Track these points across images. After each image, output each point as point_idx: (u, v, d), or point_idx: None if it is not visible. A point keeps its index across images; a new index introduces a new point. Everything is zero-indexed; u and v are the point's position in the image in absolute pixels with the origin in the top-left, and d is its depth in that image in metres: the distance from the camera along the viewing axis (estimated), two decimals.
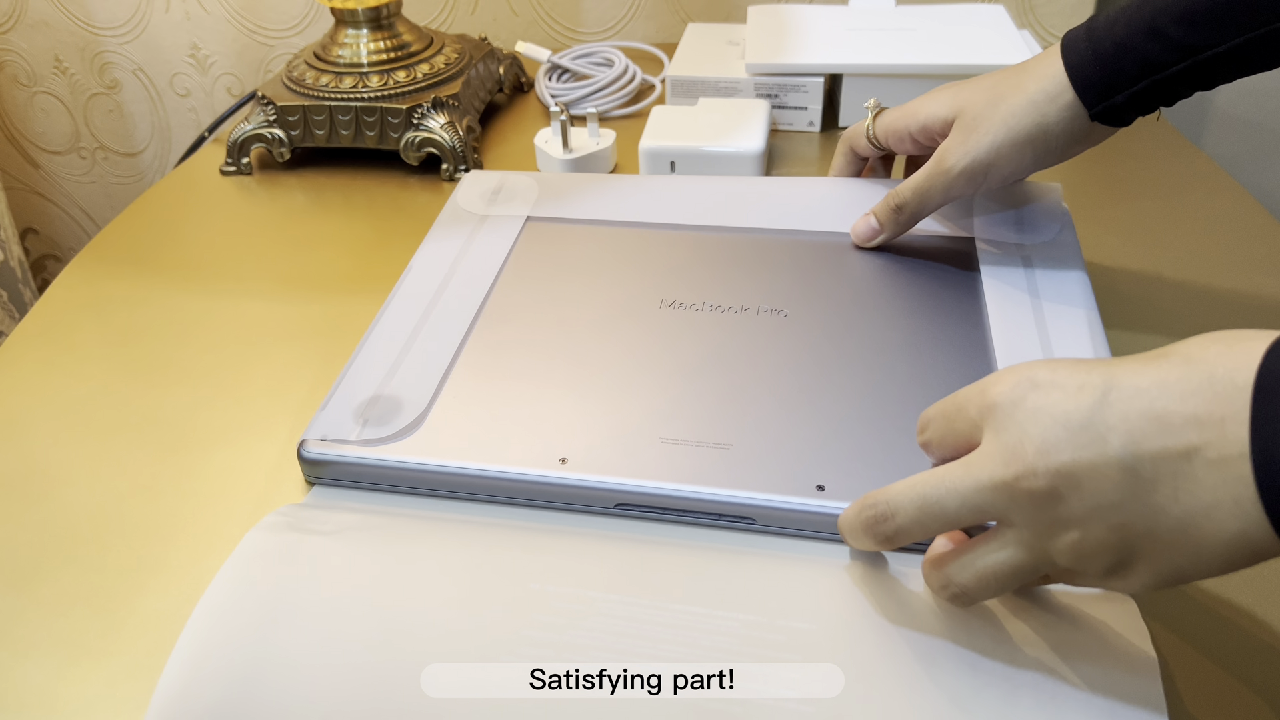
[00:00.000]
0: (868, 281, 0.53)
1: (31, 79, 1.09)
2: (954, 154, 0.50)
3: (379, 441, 0.44)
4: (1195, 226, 0.62)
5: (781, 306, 0.50)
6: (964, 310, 0.50)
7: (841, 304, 0.51)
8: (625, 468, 0.42)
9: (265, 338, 0.56)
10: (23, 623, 0.40)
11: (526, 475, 0.42)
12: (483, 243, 0.57)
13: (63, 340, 0.57)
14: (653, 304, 0.51)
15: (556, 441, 0.43)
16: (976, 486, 0.32)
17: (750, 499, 0.40)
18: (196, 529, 0.44)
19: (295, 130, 0.73)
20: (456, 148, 0.71)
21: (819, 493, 0.40)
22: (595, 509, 0.42)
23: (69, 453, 0.49)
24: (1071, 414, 0.30)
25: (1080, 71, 0.47)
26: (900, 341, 0.48)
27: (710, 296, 0.52)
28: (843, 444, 0.42)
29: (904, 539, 0.35)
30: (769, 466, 0.42)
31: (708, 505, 0.41)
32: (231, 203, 0.71)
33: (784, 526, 0.41)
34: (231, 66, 1.05)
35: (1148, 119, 0.75)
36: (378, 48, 0.74)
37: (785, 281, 0.53)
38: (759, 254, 0.55)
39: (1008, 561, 0.32)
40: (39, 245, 1.21)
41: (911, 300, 0.51)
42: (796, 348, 0.48)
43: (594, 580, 0.38)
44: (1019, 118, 0.48)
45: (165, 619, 0.40)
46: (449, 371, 0.48)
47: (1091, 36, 0.47)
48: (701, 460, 0.42)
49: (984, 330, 0.49)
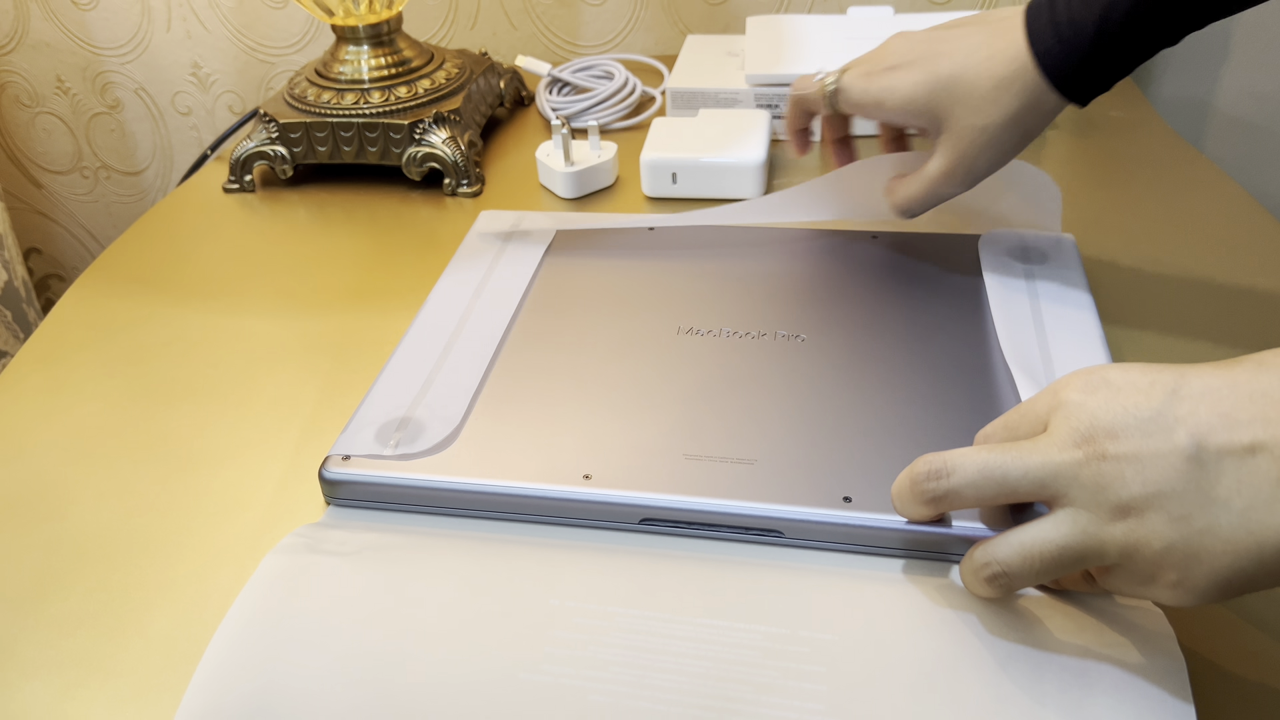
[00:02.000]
0: (881, 303, 0.53)
1: (33, 99, 1.09)
2: (939, 169, 0.51)
3: (404, 460, 0.44)
4: (1197, 229, 0.62)
5: (799, 331, 0.51)
6: (971, 326, 0.51)
7: (857, 326, 0.51)
8: (650, 483, 0.42)
9: (270, 354, 0.56)
10: (30, 643, 0.40)
11: (552, 492, 0.42)
12: (503, 273, 0.58)
13: (68, 360, 0.57)
14: (670, 331, 0.52)
15: (580, 459, 0.44)
16: (1043, 461, 0.32)
17: (777, 511, 0.40)
18: (203, 548, 0.44)
19: (298, 147, 0.73)
20: (459, 162, 0.71)
21: (846, 504, 0.40)
22: (621, 525, 0.42)
23: (75, 472, 0.49)
24: (1142, 406, 0.31)
25: (1046, 54, 0.47)
26: (917, 357, 0.49)
27: (727, 323, 0.52)
28: (868, 456, 0.43)
29: (954, 502, 0.35)
30: (795, 479, 0.42)
31: (734, 519, 0.41)
32: (235, 220, 0.71)
33: (811, 539, 0.41)
34: (233, 84, 1.05)
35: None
36: (379, 64, 0.74)
37: (800, 307, 0.53)
38: (773, 281, 0.56)
39: (1057, 540, 0.32)
40: (42, 265, 1.22)
41: (922, 318, 0.52)
42: (816, 368, 0.48)
43: (614, 595, 0.38)
44: (986, 115, 0.49)
45: (172, 639, 0.40)
46: (475, 394, 0.48)
47: (1053, 11, 0.47)
48: (726, 475, 0.42)
49: (991, 343, 0.49)
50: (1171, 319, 0.55)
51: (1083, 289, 0.53)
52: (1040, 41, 0.47)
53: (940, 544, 0.39)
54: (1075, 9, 0.46)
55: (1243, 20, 0.89)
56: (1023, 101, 0.48)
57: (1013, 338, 0.49)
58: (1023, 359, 0.47)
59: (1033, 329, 0.50)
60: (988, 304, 0.52)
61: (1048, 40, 0.47)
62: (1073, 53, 0.46)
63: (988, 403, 0.45)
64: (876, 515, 0.40)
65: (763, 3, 0.95)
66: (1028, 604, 0.37)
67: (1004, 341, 0.49)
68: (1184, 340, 0.53)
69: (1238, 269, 0.58)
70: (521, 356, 0.51)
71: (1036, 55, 0.47)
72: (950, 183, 0.51)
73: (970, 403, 0.45)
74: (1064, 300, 0.52)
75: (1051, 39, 0.47)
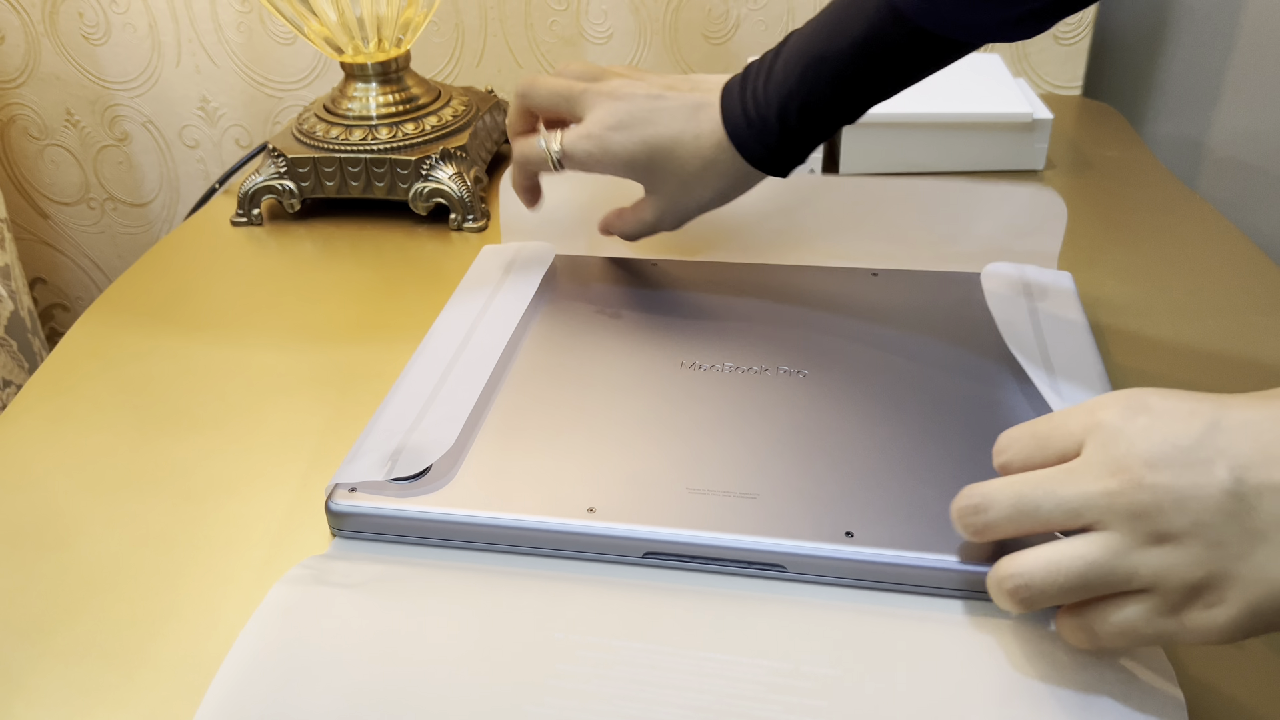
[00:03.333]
0: (882, 339, 0.54)
1: (42, 132, 1.10)
2: (649, 211, 0.57)
3: (409, 494, 0.44)
4: (1192, 268, 0.63)
5: (800, 367, 0.52)
6: (973, 361, 0.52)
7: (859, 362, 0.52)
8: (653, 516, 0.42)
9: (276, 387, 0.57)
10: (37, 673, 0.40)
11: (555, 525, 0.43)
12: (501, 301, 0.58)
13: (76, 390, 0.57)
14: (672, 365, 0.52)
15: (584, 492, 0.44)
16: (1079, 492, 0.32)
17: (780, 546, 0.41)
18: (209, 579, 0.44)
19: (306, 182, 0.74)
20: (464, 198, 0.72)
21: (848, 539, 0.41)
22: (624, 558, 0.42)
23: (82, 502, 0.49)
24: (1181, 435, 0.31)
25: (744, 144, 0.53)
26: (918, 392, 0.49)
27: (729, 358, 0.53)
28: (870, 492, 0.43)
29: (994, 533, 0.35)
30: (797, 514, 0.42)
31: (738, 553, 0.41)
32: (242, 253, 0.72)
33: (814, 574, 0.41)
34: (240, 118, 1.07)
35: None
36: (386, 101, 0.75)
37: (802, 343, 0.54)
38: (774, 317, 0.56)
39: (1086, 557, 0.32)
40: (47, 295, 1.22)
41: (923, 353, 0.52)
42: (818, 403, 0.49)
43: (618, 628, 0.39)
44: (694, 194, 0.55)
45: (179, 669, 0.40)
46: (476, 426, 0.48)
47: (745, 108, 0.52)
48: (730, 509, 0.43)
49: (993, 377, 0.50)
50: (1166, 357, 0.56)
51: (1083, 324, 0.54)
52: (735, 130, 0.53)
53: (941, 580, 0.40)
54: (759, 103, 0.52)
55: (1236, 61, 0.91)
56: (728, 180, 0.54)
57: (1028, 363, 0.50)
58: (1041, 382, 0.48)
59: (1040, 361, 0.50)
60: (991, 338, 0.53)
61: (741, 130, 0.53)
62: (763, 140, 0.52)
63: (989, 438, 0.46)
64: (878, 550, 0.40)
65: (764, 43, 0.97)
66: (1030, 639, 0.37)
67: (1024, 364, 0.49)
68: (1180, 378, 0.54)
69: (1232, 307, 0.59)
70: (525, 388, 0.51)
71: (733, 141, 0.53)
72: (661, 227, 0.58)
73: (972, 437, 0.46)
74: (1067, 334, 0.53)
75: (744, 128, 0.52)
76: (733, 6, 0.96)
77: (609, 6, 0.97)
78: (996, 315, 0.54)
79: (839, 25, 0.50)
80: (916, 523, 0.41)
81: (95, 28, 1.03)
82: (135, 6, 1.01)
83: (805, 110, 0.51)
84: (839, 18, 0.50)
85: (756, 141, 0.52)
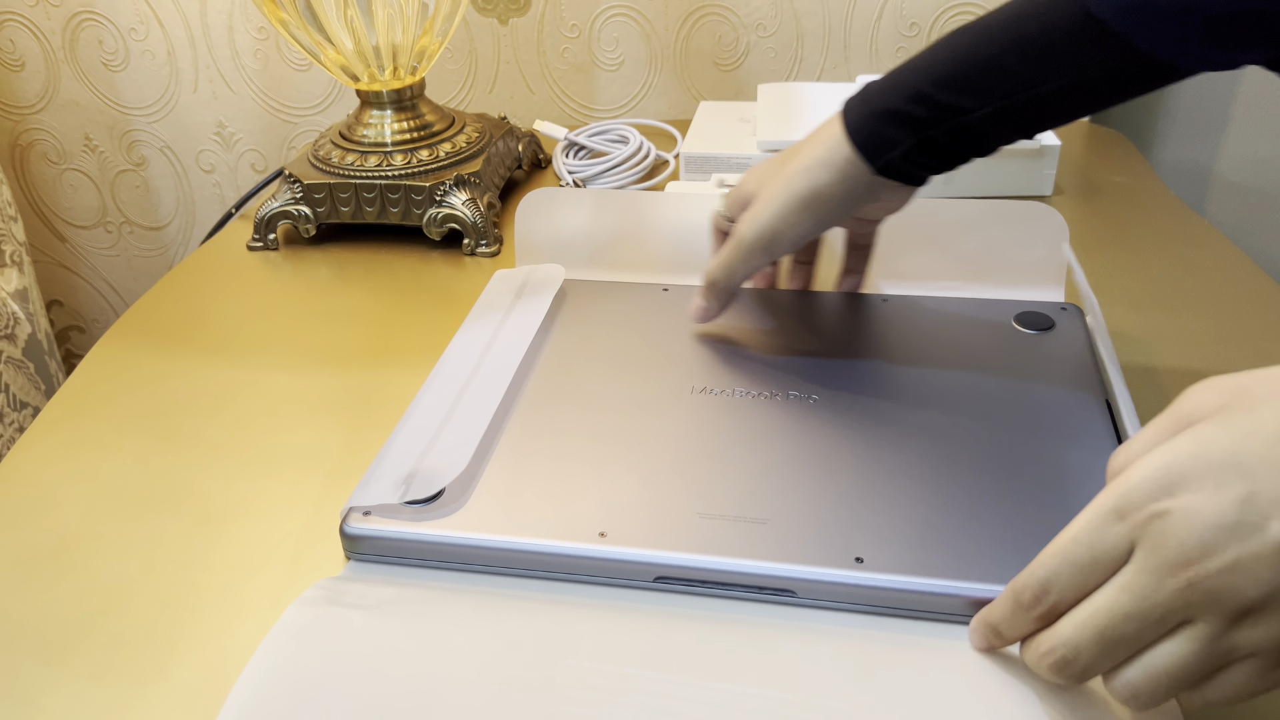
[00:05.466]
0: (891, 364, 0.54)
1: (61, 156, 1.12)
2: (745, 225, 0.53)
3: (422, 518, 0.45)
4: (1199, 293, 0.64)
5: (810, 392, 0.52)
6: (981, 386, 0.52)
7: (869, 387, 0.52)
8: (664, 541, 0.43)
9: (291, 410, 0.57)
10: (55, 694, 0.41)
11: (566, 549, 0.43)
12: (513, 323, 0.59)
13: (93, 414, 0.58)
14: (684, 390, 0.53)
15: (595, 516, 0.44)
16: (1154, 604, 0.32)
17: (789, 572, 0.41)
18: (226, 601, 0.45)
19: (321, 207, 0.75)
20: (478, 223, 0.73)
21: (858, 565, 0.41)
22: (635, 583, 0.43)
23: (99, 525, 0.50)
24: (1224, 513, 0.31)
25: (858, 132, 0.49)
26: (928, 417, 0.49)
27: (740, 384, 0.53)
28: (879, 517, 0.43)
29: (1094, 673, 0.34)
30: (807, 539, 0.42)
31: (747, 578, 0.41)
32: (258, 278, 0.73)
33: (824, 599, 0.41)
34: (256, 143, 1.08)
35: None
36: (401, 127, 0.76)
37: (812, 368, 0.54)
38: (785, 342, 0.57)
39: (1182, 655, 0.32)
40: (63, 317, 1.24)
41: (933, 379, 0.53)
42: (828, 428, 0.49)
43: (629, 656, 0.39)
44: (793, 184, 0.51)
45: (195, 691, 0.41)
46: (490, 449, 0.49)
47: (866, 98, 0.50)
48: (740, 534, 0.43)
49: (1001, 401, 0.50)
50: (1175, 383, 0.56)
51: (1087, 355, 0.54)
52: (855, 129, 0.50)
53: (951, 605, 0.40)
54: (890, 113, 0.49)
55: (1244, 87, 0.91)
56: (825, 178, 0.51)
57: (1025, 397, 0.50)
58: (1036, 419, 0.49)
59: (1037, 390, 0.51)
60: (1002, 364, 0.53)
61: (863, 127, 0.50)
62: (885, 130, 0.49)
63: (998, 463, 0.46)
64: (888, 576, 0.40)
65: (774, 70, 0.98)
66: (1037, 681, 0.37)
67: (1015, 402, 0.50)
68: None
69: (1239, 332, 0.60)
70: (538, 411, 0.52)
71: (846, 126, 0.50)
72: (759, 249, 0.53)
73: (980, 463, 0.46)
74: (1068, 367, 0.53)
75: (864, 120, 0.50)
76: (742, 34, 0.97)
77: (620, 34, 0.98)
78: (986, 348, 0.55)
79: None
80: (927, 548, 0.41)
81: (114, 55, 1.04)
82: (154, 34, 1.03)
83: (945, 82, 0.47)
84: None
85: (875, 130, 0.49)
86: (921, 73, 0.48)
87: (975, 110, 0.47)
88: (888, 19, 0.94)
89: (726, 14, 0.96)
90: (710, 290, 0.56)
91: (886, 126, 0.49)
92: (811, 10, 0.95)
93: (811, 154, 0.51)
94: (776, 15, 0.95)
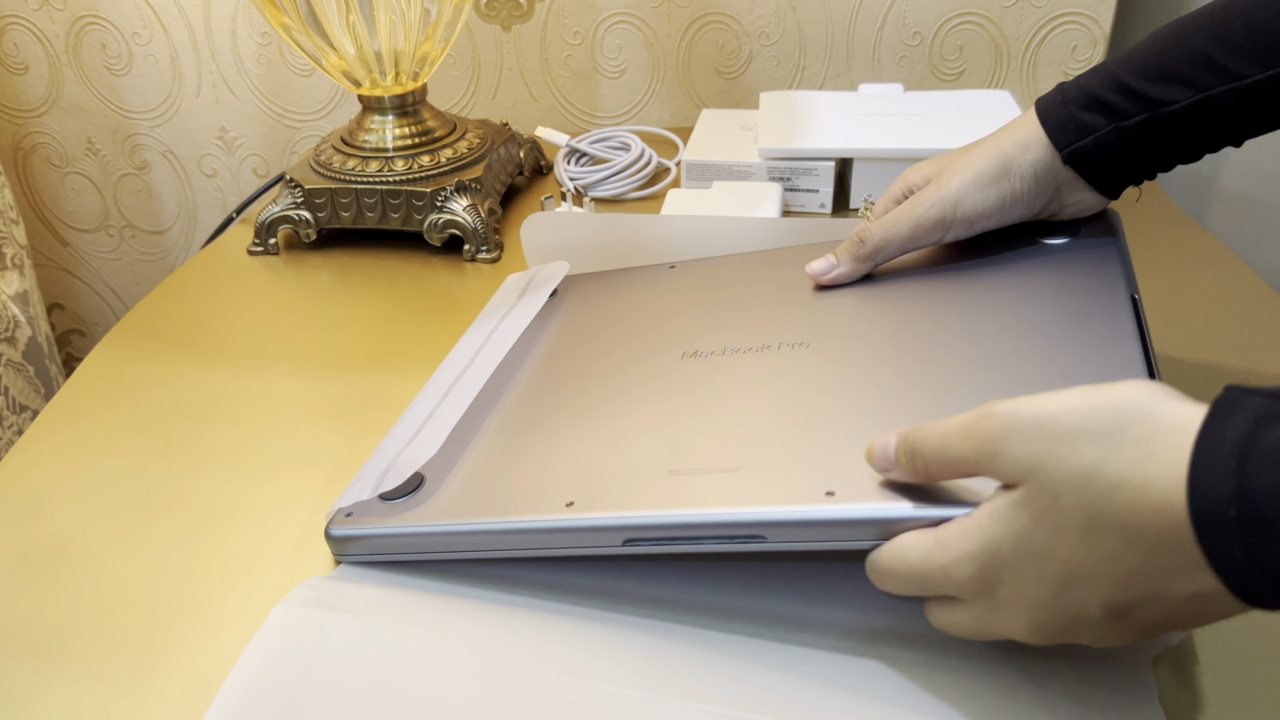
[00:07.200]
0: (899, 298, 0.51)
1: (64, 160, 1.12)
2: (924, 195, 0.51)
3: (397, 513, 0.45)
4: (1202, 305, 0.63)
5: (804, 339, 0.49)
6: (984, 313, 0.47)
7: (866, 325, 0.49)
8: (631, 503, 0.41)
9: (290, 415, 0.57)
10: (50, 698, 0.40)
11: (533, 523, 0.42)
12: (509, 321, 0.59)
13: (92, 418, 0.58)
14: (673, 356, 0.51)
15: (565, 489, 0.43)
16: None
17: (757, 514, 0.39)
18: (222, 606, 0.45)
19: (322, 212, 0.75)
20: (479, 229, 0.73)
21: (829, 498, 0.38)
22: (606, 549, 0.41)
23: (96, 528, 0.49)
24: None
25: (1050, 116, 0.49)
26: (920, 347, 0.46)
27: (732, 342, 0.51)
28: (851, 449, 0.40)
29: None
30: (777, 480, 0.40)
31: (714, 528, 0.39)
32: (258, 282, 0.73)
33: (795, 540, 0.38)
34: (258, 148, 1.08)
35: (1132, 199, 0.76)
36: (403, 133, 0.76)
37: (811, 316, 0.51)
38: (785, 295, 0.54)
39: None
40: (64, 320, 1.24)
41: (940, 298, 0.49)
42: (813, 370, 0.47)
43: (612, 675, 0.39)
44: (985, 159, 0.50)
45: (190, 696, 0.40)
46: (469, 441, 0.49)
47: (1063, 88, 0.50)
48: (709, 485, 0.41)
49: (989, 333, 0.46)
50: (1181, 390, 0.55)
51: (1116, 267, 0.48)
52: (1048, 113, 0.49)
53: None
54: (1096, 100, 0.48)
55: None
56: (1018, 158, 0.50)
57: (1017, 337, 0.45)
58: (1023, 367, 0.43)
59: (1058, 322, 0.46)
60: (995, 301, 0.48)
61: (1056, 112, 0.49)
62: (1079, 115, 0.48)
63: (984, 387, 0.42)
64: (860, 506, 0.37)
65: (776, 79, 0.98)
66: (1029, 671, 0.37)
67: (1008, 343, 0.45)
68: None
69: (1242, 344, 0.59)
70: (525, 399, 0.51)
71: (1039, 113, 0.49)
72: (933, 217, 0.51)
73: (965, 392, 0.42)
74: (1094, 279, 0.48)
75: (1058, 105, 0.49)
76: (745, 42, 0.97)
77: (623, 41, 0.98)
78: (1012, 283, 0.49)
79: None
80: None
81: (117, 59, 1.04)
82: (157, 38, 1.03)
83: (1143, 71, 0.47)
84: None
85: (1068, 115, 0.48)
86: (1121, 65, 0.48)
87: (1174, 103, 0.46)
88: (890, 28, 0.94)
89: (729, 22, 0.96)
90: (855, 245, 0.53)
91: (1080, 111, 0.48)
92: (814, 19, 0.95)
93: (1004, 134, 0.50)
94: (779, 24, 0.96)
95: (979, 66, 0.96)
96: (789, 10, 0.95)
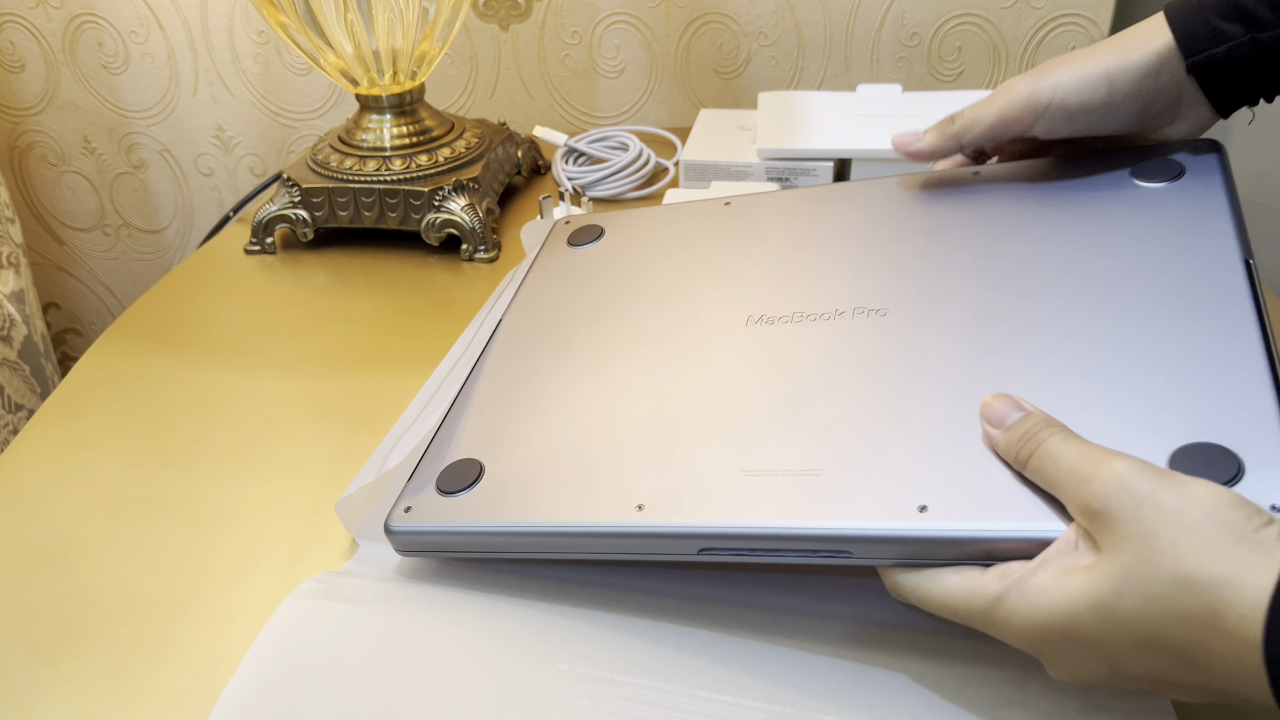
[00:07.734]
0: (985, 256, 0.45)
1: (60, 159, 1.12)
2: (1023, 79, 0.47)
3: (455, 509, 0.42)
4: None
5: (881, 304, 0.44)
6: (1096, 263, 0.42)
7: (951, 291, 0.44)
8: (706, 508, 0.38)
9: (287, 415, 0.57)
10: (47, 699, 0.40)
11: (604, 527, 0.39)
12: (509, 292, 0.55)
13: (88, 417, 0.58)
14: (738, 323, 0.46)
15: (632, 486, 0.40)
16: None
17: (845, 528, 0.36)
18: (219, 606, 0.45)
19: (319, 211, 0.75)
20: (476, 229, 0.73)
21: (922, 515, 0.35)
22: (679, 556, 0.39)
23: (93, 528, 0.49)
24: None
25: (1183, 20, 0.44)
26: (1025, 320, 0.41)
27: (801, 303, 0.46)
28: (946, 457, 0.37)
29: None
30: (863, 488, 0.37)
31: (797, 540, 0.36)
32: (255, 281, 0.73)
33: (883, 556, 0.36)
34: (254, 147, 1.08)
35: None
36: (401, 132, 0.76)
37: (887, 272, 0.46)
38: (856, 242, 0.49)
39: None
40: (60, 319, 1.23)
41: (1033, 265, 0.44)
42: (893, 351, 0.42)
43: (622, 664, 0.39)
44: (1101, 54, 0.46)
45: (187, 696, 0.40)
46: (511, 406, 0.46)
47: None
48: (789, 491, 0.38)
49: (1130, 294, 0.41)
50: None
51: (1227, 223, 0.44)
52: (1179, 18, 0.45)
53: (1028, 551, 0.33)
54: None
55: None
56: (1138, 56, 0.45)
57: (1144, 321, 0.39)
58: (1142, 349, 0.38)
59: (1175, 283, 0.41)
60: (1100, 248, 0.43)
61: (1190, 15, 0.45)
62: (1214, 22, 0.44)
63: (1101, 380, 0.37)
64: (958, 524, 0.34)
65: (774, 79, 0.98)
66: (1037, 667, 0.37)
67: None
68: None
69: None
70: (577, 361, 0.46)
71: (1169, 15, 0.45)
72: (1025, 99, 0.47)
73: (1087, 373, 0.38)
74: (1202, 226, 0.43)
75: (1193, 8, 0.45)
76: (743, 42, 0.97)
77: (621, 41, 0.98)
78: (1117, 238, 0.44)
79: None
80: (998, 489, 0.35)
81: (114, 57, 1.04)
82: (154, 37, 1.02)
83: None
84: None
85: (1203, 20, 0.44)
86: None
87: None
88: (889, 28, 0.94)
89: (728, 22, 0.96)
90: (944, 123, 0.49)
91: (1215, 18, 0.44)
92: (813, 19, 0.95)
93: (1127, 35, 0.46)
94: (778, 24, 0.95)
95: (977, 67, 0.96)
96: (787, 10, 0.95)
